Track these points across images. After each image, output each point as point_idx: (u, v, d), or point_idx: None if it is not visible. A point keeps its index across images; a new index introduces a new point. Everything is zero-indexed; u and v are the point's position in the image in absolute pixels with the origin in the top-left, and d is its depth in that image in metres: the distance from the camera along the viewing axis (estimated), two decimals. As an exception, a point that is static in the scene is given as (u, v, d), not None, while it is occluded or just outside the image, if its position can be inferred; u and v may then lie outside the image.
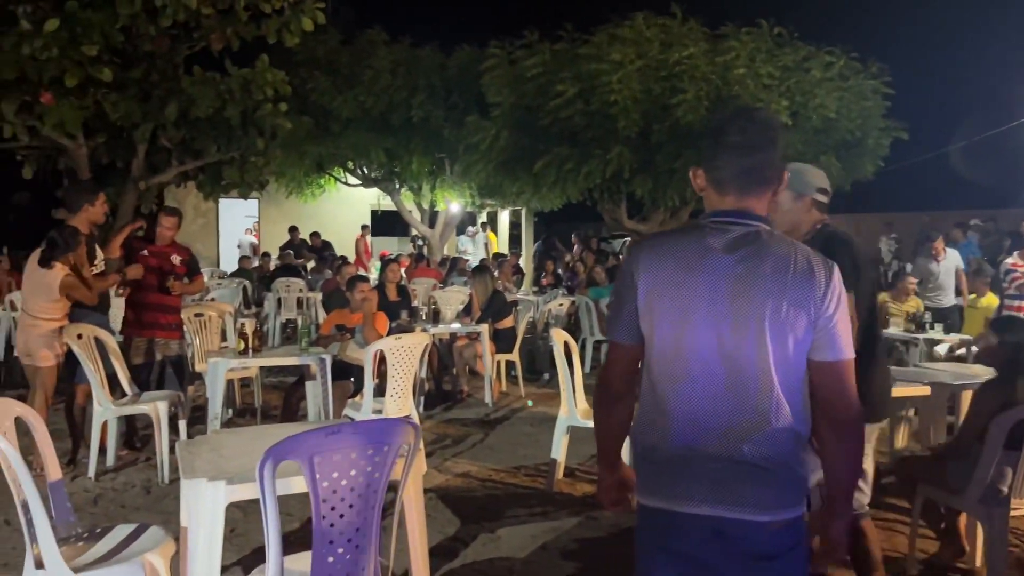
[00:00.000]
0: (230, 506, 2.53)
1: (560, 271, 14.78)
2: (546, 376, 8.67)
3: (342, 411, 5.42)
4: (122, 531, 2.87)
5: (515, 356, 7.93)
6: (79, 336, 4.99)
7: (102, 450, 5.11)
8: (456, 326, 7.74)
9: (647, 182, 10.52)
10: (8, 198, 19.79)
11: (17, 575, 2.60)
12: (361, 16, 16.09)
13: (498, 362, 7.84)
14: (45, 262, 5.02)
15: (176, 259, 5.75)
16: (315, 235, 16.29)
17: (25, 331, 5.07)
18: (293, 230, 16.46)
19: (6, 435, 2.42)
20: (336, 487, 2.24)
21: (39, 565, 2.50)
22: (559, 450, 5.01)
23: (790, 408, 1.76)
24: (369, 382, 5.08)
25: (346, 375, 5.71)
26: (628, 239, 19.41)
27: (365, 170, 16.20)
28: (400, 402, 5.16)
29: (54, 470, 2.80)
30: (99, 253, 5.48)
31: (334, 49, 14.70)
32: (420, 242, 18.26)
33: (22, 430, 2.71)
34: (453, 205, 16.40)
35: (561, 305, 9.43)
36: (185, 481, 2.57)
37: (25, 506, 2.45)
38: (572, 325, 10.35)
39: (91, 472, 4.97)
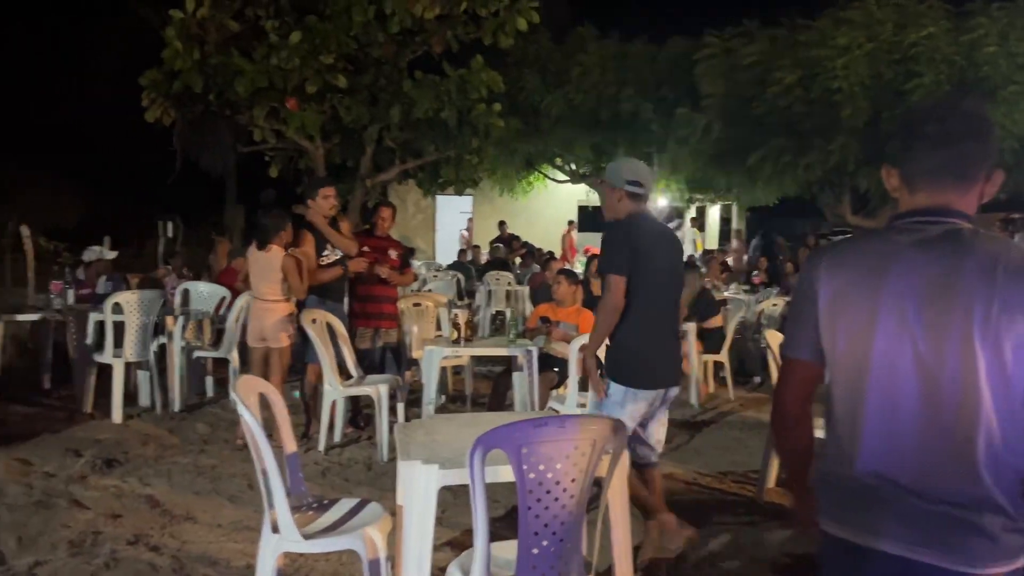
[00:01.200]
0: (442, 488, 2.63)
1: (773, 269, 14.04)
2: (757, 379, 8.29)
3: (547, 402, 5.49)
4: (345, 504, 3.08)
5: (723, 357, 7.65)
6: (313, 321, 5.45)
7: (331, 427, 5.54)
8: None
9: (875, 175, 9.70)
10: (257, 195, 22.14)
11: (257, 535, 2.88)
12: (575, 13, 16.24)
13: (705, 362, 7.60)
14: (262, 245, 5.53)
15: (392, 253, 6.10)
16: (515, 237, 16.63)
17: (260, 316, 5.53)
18: (502, 224, 16.99)
19: (251, 410, 2.68)
20: (542, 479, 2.26)
21: (275, 529, 2.75)
22: (770, 459, 4.76)
23: (1008, 436, 1.47)
24: (573, 376, 5.11)
25: (551, 366, 5.79)
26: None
27: (573, 166, 16.37)
28: (604, 398, 5.14)
29: (290, 443, 3.06)
30: (329, 245, 5.91)
31: (545, 48, 14.97)
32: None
33: (263, 406, 2.99)
34: (660, 200, 16.13)
35: (775, 305, 8.96)
36: (401, 462, 2.71)
37: (264, 474, 2.70)
38: (786, 326, 9.79)
39: (321, 446, 5.41)
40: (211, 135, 18.65)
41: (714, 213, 21.35)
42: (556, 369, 5.74)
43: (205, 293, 7.54)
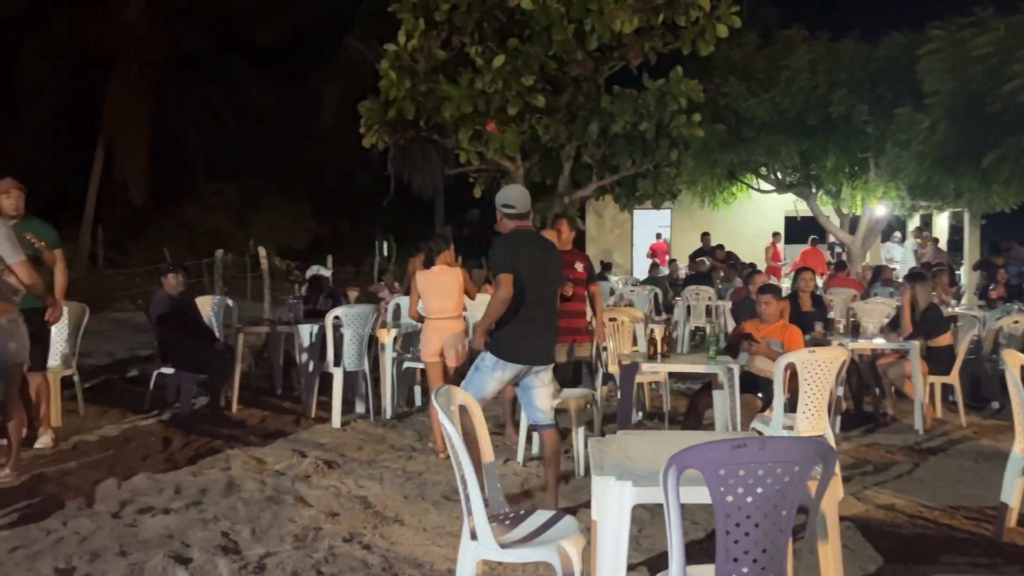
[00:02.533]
0: (638, 507, 2.59)
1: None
2: (995, 405, 7.43)
3: (750, 424, 5.25)
4: (541, 516, 3.11)
5: (953, 379, 6.92)
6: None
7: (528, 440, 5.65)
8: (880, 341, 7.01)
9: None
10: (463, 215, 23.21)
11: (459, 541, 2.98)
12: (782, 16, 15.58)
13: (931, 384, 6.92)
14: (428, 264, 5.88)
15: (579, 265, 6.11)
16: (719, 247, 16.09)
17: (436, 333, 5.79)
18: (705, 236, 16.52)
19: (451, 419, 2.79)
20: (741, 503, 2.15)
21: (473, 536, 2.83)
22: (1012, 494, 4.22)
23: None
24: (779, 396, 4.85)
25: (754, 388, 5.53)
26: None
27: (778, 175, 15.64)
28: (813, 420, 4.83)
29: (487, 453, 3.15)
30: None
31: (750, 53, 14.46)
32: (839, 249, 17.03)
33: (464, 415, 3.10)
34: (877, 208, 14.98)
35: (1016, 323, 8.00)
36: (595, 477, 2.69)
37: (463, 482, 2.80)
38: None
39: (519, 458, 5.53)
40: (421, 159, 19.89)
41: (942, 222, 19.48)
42: (760, 395, 5.48)
43: (414, 307, 7.97)
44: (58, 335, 6.31)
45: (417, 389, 7.46)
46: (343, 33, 19.25)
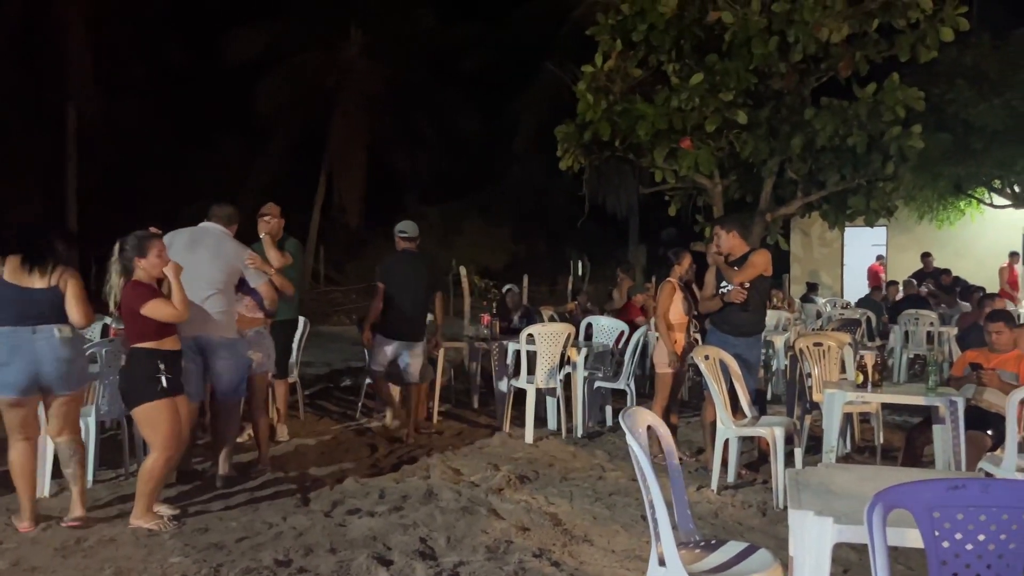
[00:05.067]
0: (844, 546, 2.42)
1: None
2: None
3: (976, 464, 4.73)
4: (734, 547, 2.99)
5: None
6: (706, 357, 5.44)
7: (724, 466, 5.45)
8: None
9: None
10: (658, 233, 22.96)
11: (647, 565, 2.93)
12: (1012, 13, 14.05)
13: None
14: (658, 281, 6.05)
15: None
16: (946, 272, 14.64)
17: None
18: (926, 256, 15.15)
19: (639, 440, 2.76)
20: (959, 551, 1.95)
21: (662, 563, 2.77)
22: None
23: None
24: (1012, 434, 4.34)
25: (983, 424, 4.98)
26: None
27: (1016, 188, 14.06)
28: (1055, 463, 4.27)
29: (677, 479, 3.07)
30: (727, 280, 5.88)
31: (983, 54, 13.16)
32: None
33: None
34: None
35: None
36: (792, 511, 2.55)
37: (651, 506, 2.75)
38: None
39: (713, 485, 5.34)
40: (616, 178, 19.94)
41: None
42: (989, 432, 4.92)
43: (606, 327, 7.99)
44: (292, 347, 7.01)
45: (608, 409, 7.45)
46: (541, 59, 19.81)
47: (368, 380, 7.33)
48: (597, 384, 7.28)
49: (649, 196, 12.00)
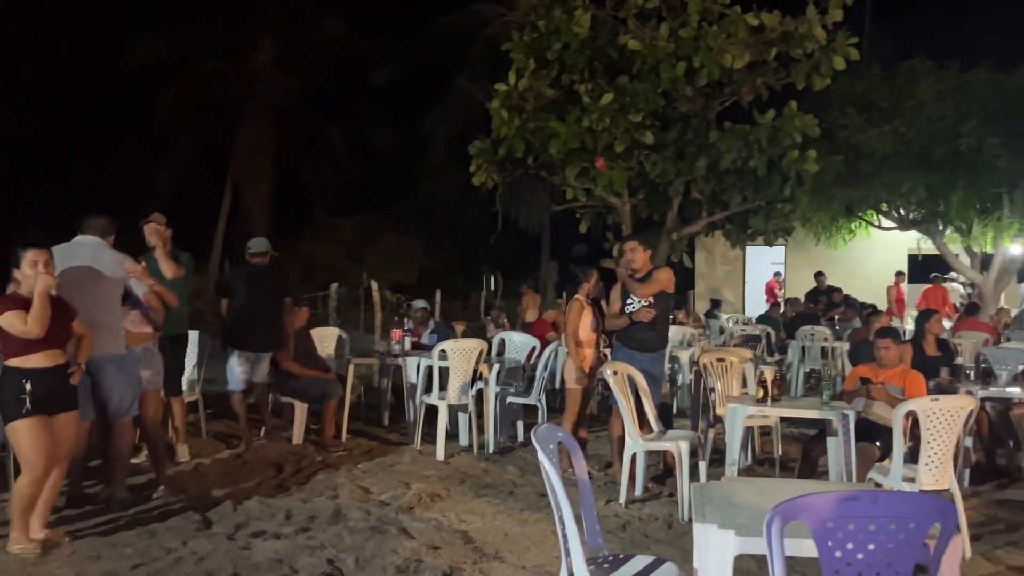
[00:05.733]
0: (745, 557, 2.50)
1: None
2: None
3: (866, 474, 4.98)
4: (641, 561, 3.05)
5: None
6: (615, 373, 5.54)
7: (631, 480, 5.55)
8: (1014, 390, 6.53)
9: None
10: (569, 250, 23.29)
11: (555, 581, 2.96)
12: (901, 47, 14.97)
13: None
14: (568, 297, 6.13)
15: None
16: (837, 290, 15.38)
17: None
18: (819, 275, 15.90)
19: (549, 458, 2.78)
20: (851, 560, 2.05)
21: (571, 577, 2.80)
22: None
23: None
24: (899, 446, 4.59)
25: (872, 435, 5.25)
26: None
27: (901, 211, 14.92)
28: (937, 472, 4.54)
29: (587, 494, 3.12)
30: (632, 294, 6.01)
31: (872, 83, 13.93)
32: (970, 290, 16.02)
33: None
34: (1012, 247, 14.04)
35: None
36: (697, 524, 2.62)
37: (562, 523, 2.78)
38: None
39: (621, 499, 5.44)
40: (529, 195, 20.15)
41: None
42: (878, 443, 5.19)
43: (518, 342, 8.04)
44: (186, 363, 6.73)
45: (520, 424, 7.48)
46: (455, 74, 19.88)
47: (279, 397, 7.16)
48: (509, 400, 7.31)
49: (561, 213, 12.15)
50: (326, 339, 8.08)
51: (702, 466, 5.63)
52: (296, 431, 7.05)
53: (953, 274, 16.12)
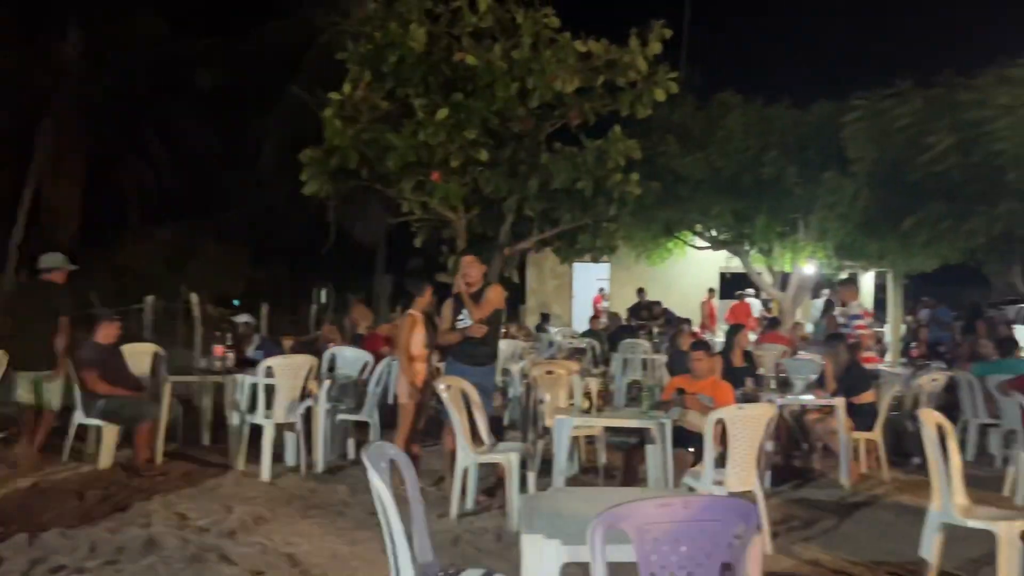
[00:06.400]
0: (571, 564, 2.58)
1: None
2: (915, 460, 7.65)
3: (681, 479, 5.31)
4: (472, 574, 3.08)
5: (876, 435, 7.14)
6: (448, 387, 5.57)
7: (463, 494, 5.59)
8: (807, 398, 7.21)
9: (1049, 241, 8.96)
10: (405, 263, 23.15)
11: (385, 600, 2.92)
12: (712, 80, 16.19)
13: (856, 440, 7.12)
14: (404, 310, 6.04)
15: None
16: (656, 304, 16.34)
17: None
18: (640, 291, 16.81)
19: (380, 475, 2.75)
20: (665, 562, 2.18)
21: (401, 595, 2.78)
22: (930, 550, 4.35)
23: None
24: (709, 451, 4.93)
25: (686, 442, 5.60)
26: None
27: (713, 232, 16.08)
28: (742, 475, 4.92)
29: (418, 510, 3.11)
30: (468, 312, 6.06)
31: (688, 114, 14.94)
32: (771, 305, 17.51)
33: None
34: (806, 267, 15.51)
35: (935, 380, 8.32)
36: (524, 535, 2.69)
37: (392, 540, 2.75)
38: (949, 404, 9.04)
39: (453, 514, 5.46)
40: (363, 208, 19.86)
41: (867, 281, 20.24)
42: (691, 449, 5.55)
43: (350, 358, 7.89)
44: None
45: (351, 441, 7.33)
46: (287, 81, 19.26)
47: (84, 419, 6.59)
48: (340, 417, 7.15)
49: (396, 226, 12.09)
50: (140, 356, 7.52)
51: (531, 477, 5.77)
52: (104, 455, 6.53)
53: (750, 290, 17.56)
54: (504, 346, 9.17)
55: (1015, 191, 8.70)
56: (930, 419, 4.41)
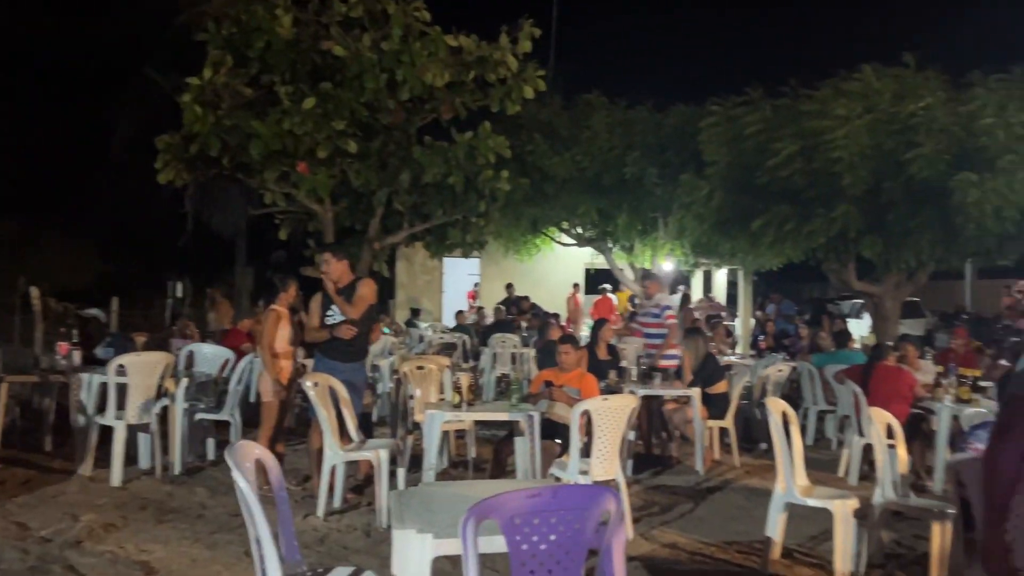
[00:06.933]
0: (441, 558, 2.60)
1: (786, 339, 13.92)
2: (763, 446, 8.20)
3: (548, 469, 5.44)
4: (341, 573, 3.04)
5: (728, 423, 7.59)
6: (315, 384, 5.46)
7: (331, 491, 5.49)
8: (668, 389, 7.55)
9: (877, 243, 9.77)
10: (267, 257, 22.39)
11: (250, 604, 2.84)
12: (578, 81, 16.61)
13: (710, 428, 7.54)
14: (267, 305, 6.05)
15: None
16: (525, 299, 16.69)
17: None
18: (509, 287, 17.05)
19: (245, 475, 2.67)
20: (535, 551, 2.24)
21: (268, 598, 2.71)
22: (775, 528, 4.68)
23: None
24: (575, 442, 5.08)
25: (554, 434, 5.75)
26: (859, 301, 18.10)
27: (579, 229, 16.53)
28: (606, 464, 5.10)
29: (284, 510, 3.04)
30: (336, 308, 5.93)
31: (555, 112, 15.25)
32: (637, 300, 18.19)
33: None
34: (665, 264, 16.22)
35: (780, 371, 8.92)
36: (395, 531, 2.68)
37: (258, 542, 2.68)
38: (793, 393, 9.73)
39: (320, 512, 5.36)
40: (223, 198, 19.04)
41: (720, 277, 21.42)
42: (559, 441, 5.70)
43: (210, 354, 7.57)
44: None
45: (211, 441, 7.04)
46: (141, 64, 18.15)
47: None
48: (198, 416, 6.84)
49: (258, 218, 11.67)
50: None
51: (401, 473, 5.75)
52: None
53: (607, 286, 18.21)
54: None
55: (850, 196, 9.44)
56: (776, 407, 4.73)
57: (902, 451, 4.89)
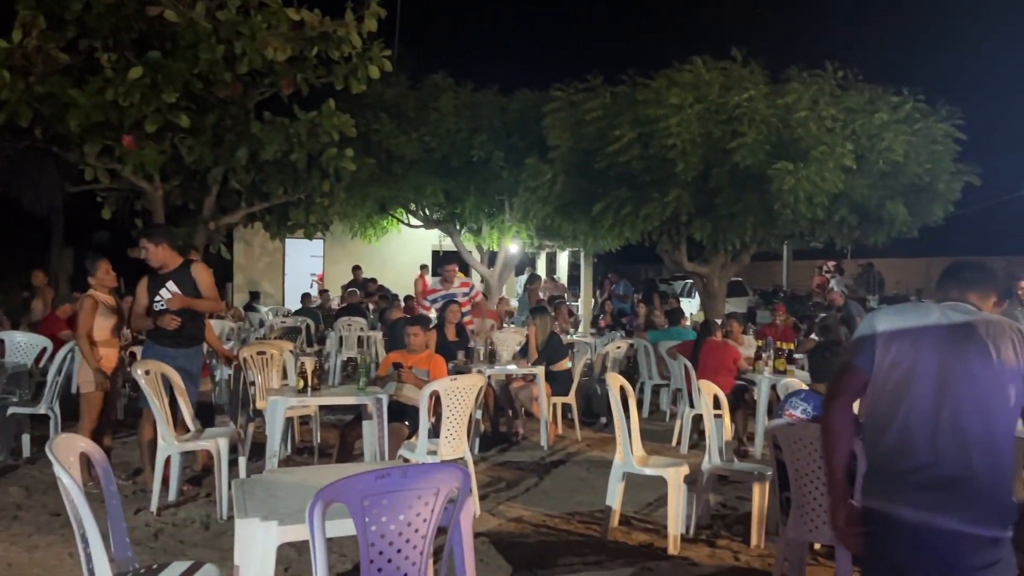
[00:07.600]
0: (285, 545, 2.55)
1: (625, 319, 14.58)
2: (603, 420, 8.57)
3: (397, 451, 5.44)
4: (177, 568, 2.91)
5: (571, 399, 7.87)
6: (147, 372, 5.15)
7: (165, 484, 5.22)
8: (512, 367, 7.73)
9: (706, 226, 10.41)
10: (88, 237, 20.76)
11: (76, 608, 2.66)
12: (424, 62, 16.50)
13: (554, 405, 7.79)
14: (83, 289, 5.60)
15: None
16: (372, 281, 16.50)
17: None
18: (356, 269, 16.76)
19: (69, 471, 2.49)
20: (384, 531, 2.24)
21: (97, 599, 2.55)
22: (614, 497, 4.92)
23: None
24: (424, 423, 5.10)
25: (402, 416, 5.74)
26: (690, 281, 19.23)
27: (427, 211, 16.48)
28: (455, 444, 5.16)
29: (113, 506, 2.86)
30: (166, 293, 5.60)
31: (401, 93, 15.07)
32: (481, 283, 18.40)
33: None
34: (511, 246, 16.51)
35: (619, 348, 9.34)
36: (238, 520, 2.60)
37: (85, 540, 2.51)
38: (630, 368, 10.23)
39: (153, 507, 5.08)
40: (35, 172, 17.43)
41: (563, 259, 22.06)
42: (407, 423, 5.70)
43: (22, 343, 6.95)
44: None
45: (26, 437, 6.47)
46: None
47: None
48: (11, 411, 6.27)
49: (79, 195, 10.79)
50: None
51: (242, 462, 5.54)
52: None
53: (426, 264, 18.36)
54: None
55: (682, 181, 9.99)
56: (615, 382, 4.96)
57: (727, 420, 5.28)
